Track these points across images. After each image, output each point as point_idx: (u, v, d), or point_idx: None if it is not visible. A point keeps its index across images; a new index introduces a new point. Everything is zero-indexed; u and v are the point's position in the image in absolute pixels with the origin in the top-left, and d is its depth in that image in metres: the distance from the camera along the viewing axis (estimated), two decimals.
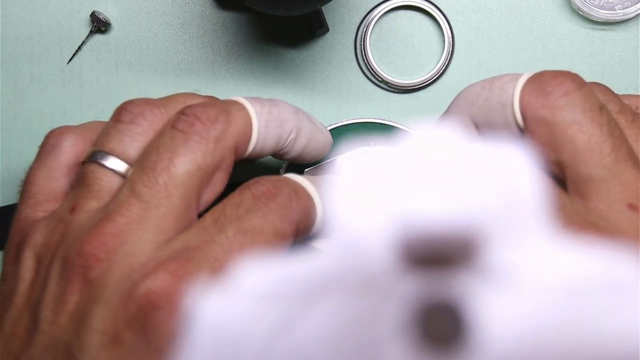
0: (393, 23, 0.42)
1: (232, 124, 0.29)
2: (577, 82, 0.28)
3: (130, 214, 0.27)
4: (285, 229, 0.27)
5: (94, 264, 0.26)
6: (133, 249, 0.26)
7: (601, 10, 0.40)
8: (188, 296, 0.25)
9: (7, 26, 0.42)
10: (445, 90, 0.42)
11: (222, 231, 0.26)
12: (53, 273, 0.27)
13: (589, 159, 0.27)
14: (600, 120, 0.28)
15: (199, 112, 0.28)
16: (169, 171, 0.27)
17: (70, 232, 0.27)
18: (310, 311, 0.15)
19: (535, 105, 0.28)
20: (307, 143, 0.32)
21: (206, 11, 0.42)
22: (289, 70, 0.42)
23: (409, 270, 0.15)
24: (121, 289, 0.25)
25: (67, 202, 0.29)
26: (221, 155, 0.28)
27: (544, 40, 0.41)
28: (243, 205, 0.27)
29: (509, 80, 0.30)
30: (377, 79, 0.42)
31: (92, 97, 0.42)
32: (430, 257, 0.15)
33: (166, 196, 0.27)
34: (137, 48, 0.42)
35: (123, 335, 0.25)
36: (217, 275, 0.25)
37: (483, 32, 0.41)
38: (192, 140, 0.28)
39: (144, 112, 0.29)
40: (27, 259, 0.28)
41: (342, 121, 0.39)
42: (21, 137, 0.42)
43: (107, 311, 0.25)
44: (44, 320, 0.26)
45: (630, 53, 0.41)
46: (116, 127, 0.29)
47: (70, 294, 0.26)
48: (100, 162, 0.28)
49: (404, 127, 0.39)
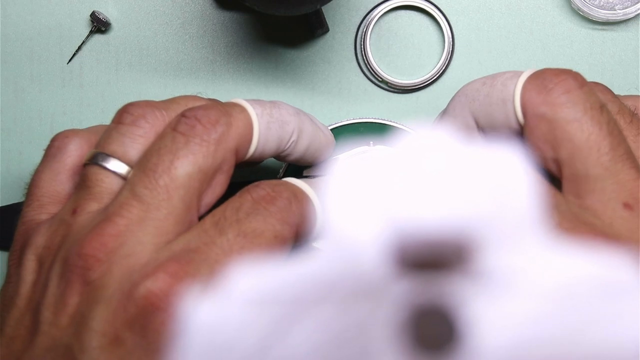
0: (393, 23, 0.42)
1: (233, 126, 0.29)
2: (579, 80, 0.28)
3: (130, 215, 0.27)
4: (284, 232, 0.27)
5: (94, 265, 0.26)
6: (133, 250, 0.26)
7: (601, 10, 0.40)
8: (182, 299, 0.25)
9: (7, 26, 0.42)
10: (445, 90, 0.41)
11: (223, 233, 0.26)
12: (53, 275, 0.27)
13: (586, 157, 0.27)
14: (600, 119, 0.28)
15: (200, 114, 0.28)
16: (170, 173, 0.27)
17: (70, 234, 0.27)
18: (302, 317, 0.15)
19: (536, 101, 0.28)
20: (308, 145, 0.32)
21: (206, 11, 0.42)
22: (289, 70, 0.42)
23: (402, 276, 0.15)
24: (121, 290, 0.25)
25: (69, 204, 0.29)
26: (222, 158, 0.28)
27: (544, 40, 0.41)
28: (243, 209, 0.27)
29: (510, 76, 0.30)
30: (377, 79, 0.42)
31: (92, 97, 0.42)
32: (424, 262, 0.15)
33: (167, 198, 0.27)
34: (137, 48, 0.42)
35: (123, 337, 0.25)
36: (214, 278, 0.26)
37: (483, 32, 0.41)
38: (193, 142, 0.28)
39: (145, 114, 0.29)
40: (29, 262, 0.28)
41: (342, 121, 0.39)
42: (21, 137, 0.42)
43: (107, 312, 0.25)
44: (45, 321, 0.26)
45: (630, 53, 0.41)
46: (117, 129, 0.29)
47: (70, 295, 0.26)
48: (101, 164, 0.29)
49: (404, 127, 0.39)
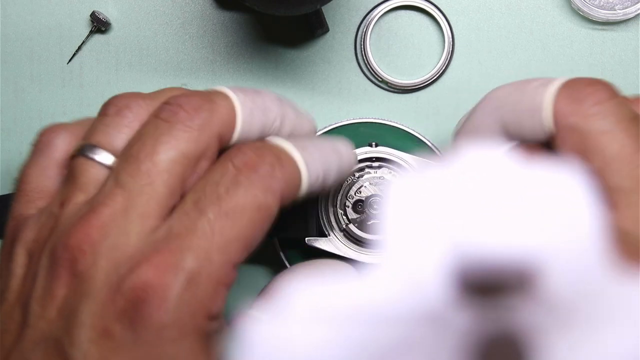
0: (393, 23, 0.42)
1: (216, 112, 0.29)
2: (611, 91, 0.28)
3: (114, 204, 0.27)
4: (268, 201, 0.27)
5: (80, 256, 0.26)
6: (117, 241, 0.26)
7: (601, 10, 0.40)
8: (171, 290, 0.25)
9: (7, 26, 0.42)
10: (445, 90, 0.42)
11: (203, 214, 0.26)
12: (41, 267, 0.27)
13: (618, 169, 0.27)
14: (633, 130, 0.27)
15: (183, 101, 0.28)
16: (152, 158, 0.27)
17: (58, 226, 0.28)
18: (364, 338, 0.15)
19: (567, 112, 0.28)
20: (291, 131, 0.32)
21: (206, 11, 0.42)
22: (289, 70, 0.42)
23: (467, 302, 0.15)
24: (108, 283, 0.26)
25: (57, 197, 0.29)
26: (205, 144, 0.28)
27: (544, 40, 0.41)
28: (223, 182, 0.27)
29: (540, 85, 0.29)
30: (377, 79, 0.42)
31: (92, 97, 0.42)
32: (488, 288, 0.15)
33: (149, 183, 0.27)
34: (137, 48, 0.42)
35: (112, 330, 0.25)
36: (201, 264, 0.26)
37: (483, 32, 0.41)
38: (175, 128, 0.28)
39: (130, 105, 0.29)
40: (18, 256, 0.28)
41: (342, 121, 0.39)
42: (21, 137, 0.42)
43: (95, 306, 0.26)
44: (33, 314, 0.27)
45: (630, 53, 0.41)
46: (102, 120, 0.29)
47: (57, 287, 0.26)
48: (87, 155, 0.29)
49: (404, 127, 0.39)
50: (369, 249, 0.37)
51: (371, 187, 0.38)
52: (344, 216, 0.38)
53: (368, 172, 0.38)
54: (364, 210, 0.38)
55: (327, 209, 0.38)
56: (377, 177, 0.38)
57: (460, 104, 0.41)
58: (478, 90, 0.41)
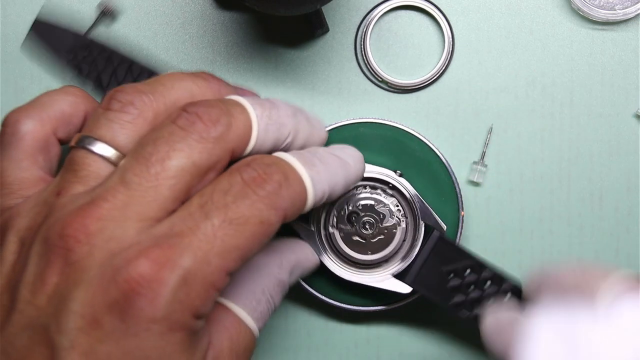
0: (393, 23, 0.42)
1: (233, 127, 0.29)
2: None
3: (115, 200, 0.27)
4: (271, 218, 0.27)
5: (74, 246, 0.26)
6: (114, 234, 0.27)
7: (601, 10, 0.40)
8: (169, 284, 0.25)
9: (7, 26, 0.42)
10: (445, 90, 0.42)
11: (208, 218, 0.27)
12: (33, 254, 0.27)
13: None
14: None
15: (202, 111, 0.28)
16: (163, 163, 0.27)
17: (52, 215, 0.28)
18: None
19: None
20: (303, 145, 0.33)
21: (206, 11, 0.42)
22: (289, 70, 0.42)
23: None
24: (102, 274, 0.26)
25: (52, 185, 0.29)
26: (218, 157, 0.28)
27: (544, 40, 0.41)
28: (231, 192, 0.27)
29: (599, 277, 0.29)
30: (377, 79, 0.42)
31: None
32: None
33: (155, 185, 0.27)
34: (137, 48, 0.42)
35: (102, 319, 0.25)
36: (199, 265, 0.26)
37: (483, 32, 0.41)
38: (191, 137, 0.28)
39: (134, 101, 0.30)
40: (10, 243, 0.28)
41: (342, 121, 0.39)
42: None
43: (87, 294, 0.26)
44: (22, 300, 0.27)
45: (630, 53, 0.41)
46: (105, 115, 0.29)
47: (49, 275, 0.26)
48: (88, 148, 0.29)
49: (404, 127, 0.39)
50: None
51: (368, 202, 0.37)
52: (333, 220, 0.37)
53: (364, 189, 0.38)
54: (354, 224, 0.37)
55: (318, 209, 0.37)
56: (373, 196, 0.38)
57: (460, 104, 0.41)
58: (478, 90, 0.41)
